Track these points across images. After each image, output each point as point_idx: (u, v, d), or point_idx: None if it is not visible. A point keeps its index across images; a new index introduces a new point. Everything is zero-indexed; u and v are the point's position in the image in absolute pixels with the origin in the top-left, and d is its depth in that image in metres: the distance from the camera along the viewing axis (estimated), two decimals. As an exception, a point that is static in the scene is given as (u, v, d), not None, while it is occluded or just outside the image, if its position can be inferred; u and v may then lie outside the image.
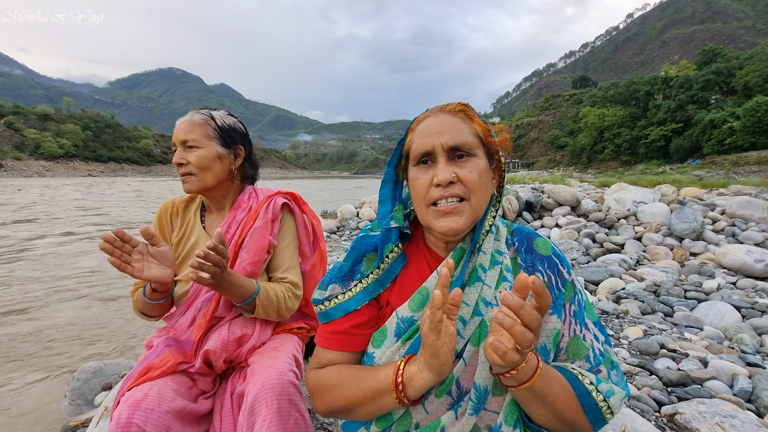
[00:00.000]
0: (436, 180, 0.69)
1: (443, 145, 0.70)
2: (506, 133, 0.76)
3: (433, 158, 0.71)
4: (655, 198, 5.53)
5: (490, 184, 0.73)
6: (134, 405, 0.87)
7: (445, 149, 0.70)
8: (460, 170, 0.69)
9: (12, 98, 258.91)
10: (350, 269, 0.80)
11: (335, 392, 0.73)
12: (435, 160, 0.71)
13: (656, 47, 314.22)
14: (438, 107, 0.76)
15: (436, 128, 0.71)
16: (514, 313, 0.54)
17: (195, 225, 1.22)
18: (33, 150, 78.22)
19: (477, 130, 0.72)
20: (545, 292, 0.54)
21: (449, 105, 0.75)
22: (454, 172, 0.69)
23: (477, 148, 0.71)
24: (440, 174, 0.68)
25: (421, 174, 0.72)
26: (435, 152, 0.71)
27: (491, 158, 0.74)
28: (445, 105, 0.76)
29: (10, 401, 2.69)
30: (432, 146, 0.71)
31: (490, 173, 0.73)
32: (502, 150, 0.76)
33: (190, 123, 1.14)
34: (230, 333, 1.08)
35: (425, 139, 0.71)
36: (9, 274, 5.41)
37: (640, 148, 47.37)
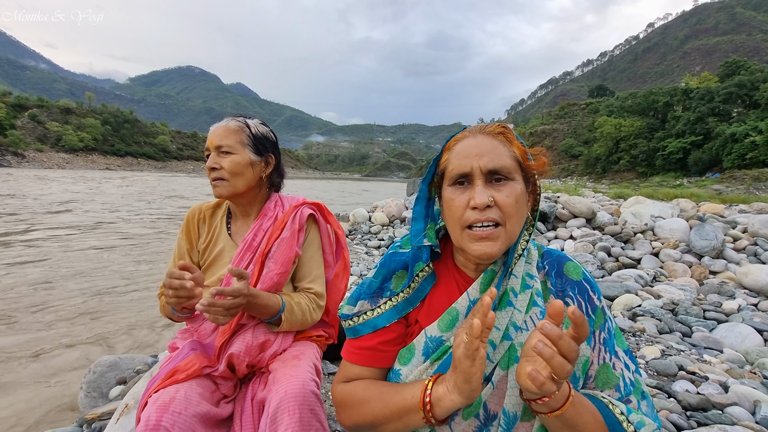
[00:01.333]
0: (473, 203, 0.68)
1: (482, 167, 0.68)
2: (544, 157, 0.74)
3: (471, 180, 0.70)
4: (673, 213, 5.42)
5: (526, 208, 0.72)
6: (162, 407, 0.89)
7: (484, 172, 0.69)
8: (497, 194, 0.68)
9: (37, 92, 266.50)
10: (379, 286, 0.80)
11: (362, 408, 0.73)
12: (472, 182, 0.70)
13: (677, 58, 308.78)
14: (477, 127, 0.75)
15: (475, 150, 0.70)
16: (552, 343, 0.54)
17: (221, 232, 1.24)
18: (54, 142, 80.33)
19: (516, 154, 0.71)
20: (585, 323, 0.54)
21: (488, 126, 0.74)
22: (492, 196, 0.68)
23: (515, 172, 0.70)
24: (477, 197, 0.67)
25: (457, 195, 0.71)
26: (473, 174, 0.69)
27: (527, 181, 0.73)
28: (484, 126, 0.74)
29: (27, 390, 2.76)
30: (470, 168, 0.69)
31: (526, 197, 0.72)
32: (538, 174, 0.75)
33: (226, 129, 1.17)
34: (254, 338, 1.10)
35: (463, 161, 0.70)
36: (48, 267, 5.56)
37: (657, 159, 46.45)
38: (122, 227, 9.38)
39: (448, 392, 0.63)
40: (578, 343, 0.55)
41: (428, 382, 0.67)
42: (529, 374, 0.54)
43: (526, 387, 0.57)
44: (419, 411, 0.66)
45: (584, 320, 0.54)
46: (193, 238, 1.25)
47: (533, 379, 0.54)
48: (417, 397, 0.66)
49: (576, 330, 0.54)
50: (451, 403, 0.62)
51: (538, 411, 0.62)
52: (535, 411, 0.63)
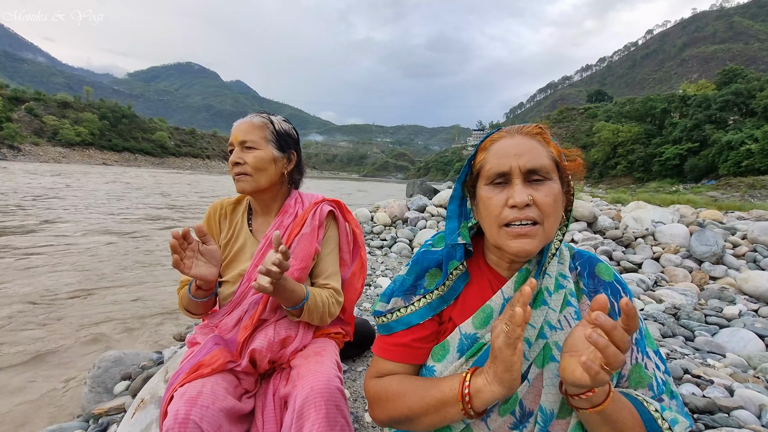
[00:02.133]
0: (512, 202, 0.68)
1: (521, 167, 0.69)
2: (580, 159, 0.76)
3: (509, 179, 0.71)
4: (673, 219, 5.46)
5: (561, 208, 0.73)
6: (190, 401, 0.89)
7: (522, 171, 0.69)
8: (536, 193, 0.69)
9: (34, 85, 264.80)
10: (413, 283, 0.81)
11: (397, 402, 0.74)
12: (510, 182, 0.70)
13: (675, 65, 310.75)
14: (515, 128, 0.76)
15: (514, 150, 0.71)
16: (606, 334, 0.54)
17: (242, 228, 1.25)
18: (51, 136, 79.63)
19: (553, 154, 0.72)
20: (636, 315, 0.55)
21: (526, 127, 0.75)
22: (530, 195, 0.68)
23: (552, 172, 0.71)
24: (517, 196, 0.68)
25: (494, 194, 0.72)
26: (511, 174, 0.70)
27: (562, 182, 0.74)
28: (521, 126, 0.75)
29: (32, 384, 2.74)
30: (509, 167, 0.70)
31: (562, 197, 0.73)
32: (573, 175, 0.76)
33: (250, 125, 1.18)
34: (276, 334, 1.11)
35: (502, 160, 0.71)
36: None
37: (654, 165, 46.75)
38: (128, 223, 9.34)
39: (488, 383, 0.63)
40: (630, 335, 0.56)
41: (466, 374, 0.68)
42: (584, 363, 0.54)
43: (575, 380, 0.58)
44: (457, 403, 0.66)
45: (636, 312, 0.55)
46: (214, 232, 1.26)
47: (588, 368, 0.54)
48: (455, 389, 0.67)
49: (627, 322, 0.55)
50: (491, 394, 0.63)
51: (578, 406, 0.63)
52: (575, 407, 0.64)
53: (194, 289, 1.11)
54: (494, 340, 0.61)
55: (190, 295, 1.11)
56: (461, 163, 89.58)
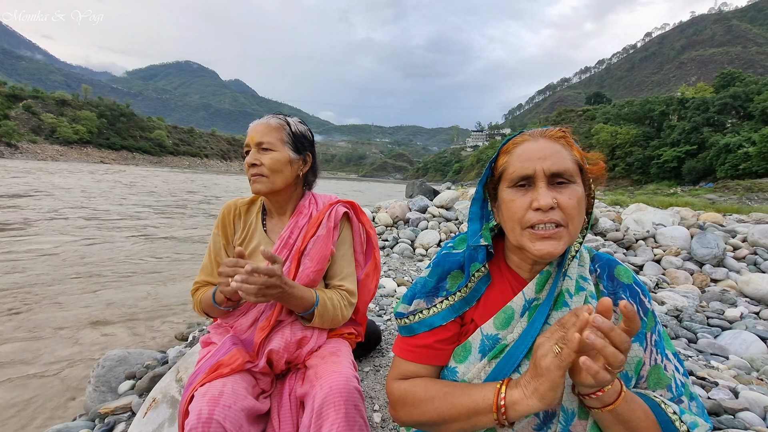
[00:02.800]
0: (537, 204, 0.69)
1: (545, 170, 0.70)
2: (602, 163, 0.77)
3: (532, 182, 0.71)
4: (674, 221, 5.48)
5: (584, 211, 0.74)
6: (213, 401, 0.90)
7: (547, 174, 0.70)
8: (560, 196, 0.69)
9: (32, 82, 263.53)
10: (435, 285, 0.82)
11: (425, 407, 0.74)
12: (534, 185, 0.71)
13: (673, 67, 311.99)
14: (538, 131, 0.76)
15: (538, 153, 0.71)
16: (605, 335, 0.55)
17: (257, 228, 1.25)
18: (49, 134, 79.23)
19: (576, 157, 0.73)
20: (635, 317, 0.56)
21: (549, 130, 0.75)
22: (555, 198, 0.69)
23: (576, 175, 0.72)
24: (542, 199, 0.68)
25: (518, 197, 0.72)
26: (536, 177, 0.70)
27: (585, 185, 0.75)
28: (545, 130, 0.76)
29: (34, 382, 2.74)
30: (533, 171, 0.70)
31: (585, 200, 0.74)
32: (594, 178, 0.77)
33: (267, 126, 1.18)
34: (292, 335, 1.11)
35: (526, 163, 0.71)
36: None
37: (652, 168, 46.88)
38: (138, 221, 9.31)
39: (526, 397, 0.63)
40: (630, 336, 0.57)
41: (500, 386, 0.68)
42: (583, 363, 0.55)
43: (579, 380, 0.60)
44: (491, 413, 0.66)
45: (635, 313, 0.56)
46: (229, 233, 1.26)
47: (587, 367, 0.55)
48: (489, 400, 0.67)
49: (627, 323, 0.56)
50: (528, 408, 0.63)
51: (590, 406, 0.64)
52: (588, 406, 0.65)
53: (223, 301, 1.11)
54: (541, 358, 0.61)
55: (215, 303, 1.12)
56: (460, 163, 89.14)
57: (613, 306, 0.73)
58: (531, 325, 0.74)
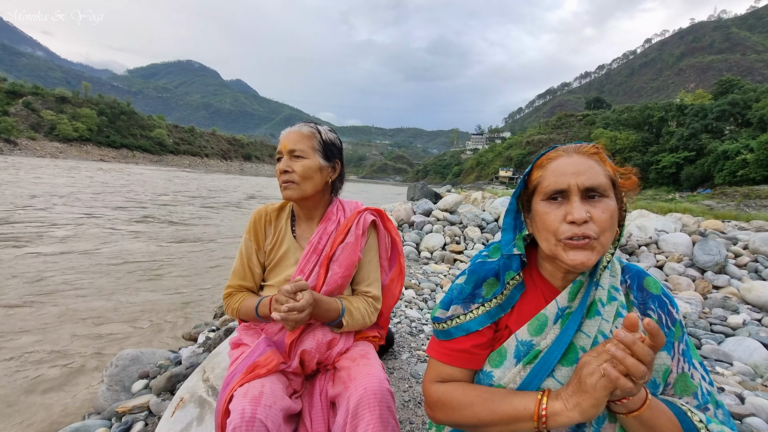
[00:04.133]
0: (571, 218, 0.72)
1: (579, 185, 0.73)
2: (635, 177, 0.80)
3: (566, 196, 0.75)
4: (676, 228, 5.54)
5: (616, 224, 0.77)
6: (254, 401, 0.92)
7: (581, 189, 0.73)
8: (593, 210, 0.73)
9: (32, 79, 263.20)
10: (471, 292, 0.86)
11: (465, 410, 0.78)
12: (568, 198, 0.74)
13: (672, 74, 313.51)
14: (572, 147, 0.80)
15: (572, 168, 0.75)
16: (628, 348, 0.59)
17: (286, 233, 1.29)
18: (48, 131, 79.03)
19: (609, 173, 0.76)
20: (659, 333, 0.60)
21: (583, 146, 0.79)
22: (588, 212, 0.72)
23: (609, 189, 0.75)
24: (576, 213, 0.71)
25: (552, 209, 0.76)
26: (569, 191, 0.74)
27: (617, 198, 0.78)
28: (579, 146, 0.80)
29: (44, 382, 2.76)
30: (567, 185, 0.74)
31: (617, 213, 0.77)
32: (626, 192, 0.80)
33: (299, 134, 1.22)
34: (323, 336, 1.15)
35: (560, 178, 0.75)
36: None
37: (651, 173, 47.10)
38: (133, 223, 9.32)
39: (567, 410, 0.66)
40: (654, 351, 0.60)
41: (541, 396, 0.71)
42: (604, 368, 0.60)
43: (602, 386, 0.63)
44: (531, 422, 0.70)
45: (659, 330, 0.60)
46: (260, 238, 1.29)
47: (607, 372, 0.59)
48: (530, 409, 0.70)
49: (652, 339, 0.60)
50: (569, 420, 0.66)
51: (617, 411, 0.68)
52: (615, 412, 0.68)
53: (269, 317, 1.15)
54: (587, 376, 0.64)
55: (258, 315, 1.16)
56: (459, 166, 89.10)
57: (644, 316, 0.78)
58: (564, 332, 0.77)
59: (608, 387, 0.61)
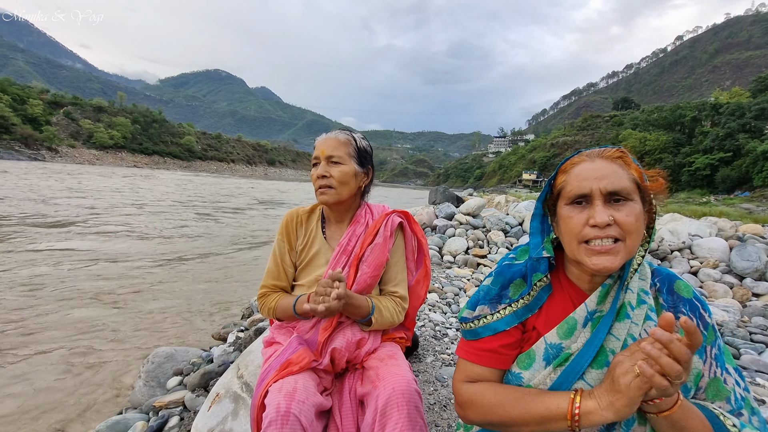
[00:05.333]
0: (593, 221, 0.73)
1: (601, 189, 0.74)
2: (662, 179, 0.80)
3: (589, 200, 0.76)
4: (711, 232, 5.31)
5: (643, 226, 0.77)
6: (289, 396, 0.97)
7: (603, 193, 0.74)
8: (617, 213, 0.73)
9: (72, 90, 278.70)
10: (498, 293, 0.88)
11: (495, 409, 0.79)
12: (591, 202, 0.75)
13: (706, 72, 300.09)
14: (595, 152, 0.80)
15: (595, 173, 0.76)
16: (664, 346, 0.59)
17: (317, 235, 1.34)
18: (86, 139, 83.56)
19: (634, 176, 0.77)
20: (696, 331, 0.59)
21: (607, 150, 0.80)
22: (612, 215, 0.73)
23: (633, 192, 0.75)
24: (598, 216, 0.72)
25: (575, 213, 0.77)
26: (592, 195, 0.75)
27: (644, 201, 0.78)
28: (602, 150, 0.80)
29: (89, 372, 2.92)
30: (590, 190, 0.75)
31: (643, 216, 0.77)
32: (655, 194, 0.80)
33: (336, 141, 1.28)
34: (352, 335, 1.20)
35: (583, 183, 0.76)
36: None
37: (683, 175, 45.12)
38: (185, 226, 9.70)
39: (600, 408, 0.67)
40: (692, 350, 0.60)
41: (574, 396, 0.71)
42: (639, 366, 0.60)
43: None
44: (565, 421, 0.70)
45: (696, 328, 0.59)
46: (292, 239, 1.35)
47: (642, 370, 0.59)
48: (563, 408, 0.71)
49: (689, 338, 0.59)
50: (602, 419, 0.66)
51: (648, 411, 0.68)
52: (646, 411, 0.68)
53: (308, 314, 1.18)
54: (621, 375, 0.64)
55: (296, 313, 1.21)
56: (481, 169, 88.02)
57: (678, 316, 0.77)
58: (595, 335, 0.78)
59: (643, 387, 0.61)
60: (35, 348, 3.21)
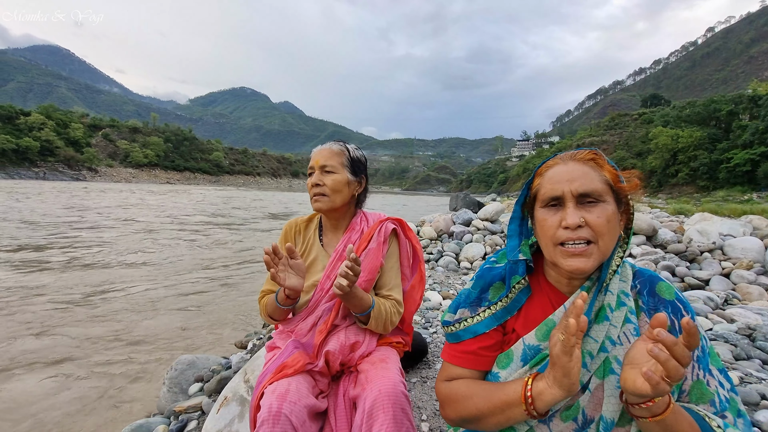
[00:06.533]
0: (565, 223, 0.74)
1: (573, 191, 0.75)
2: (637, 179, 0.80)
3: (562, 202, 0.77)
4: (745, 231, 5.03)
5: (618, 227, 0.78)
6: (281, 397, 1.02)
7: (575, 195, 0.75)
8: (588, 215, 0.74)
9: (109, 113, 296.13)
10: (478, 296, 0.89)
11: (467, 402, 0.82)
12: (564, 205, 0.77)
13: (742, 63, 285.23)
14: (568, 155, 0.82)
15: (566, 176, 0.77)
16: (668, 349, 0.59)
17: (315, 242, 1.40)
18: (123, 158, 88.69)
19: (606, 177, 0.77)
20: (696, 333, 0.59)
21: (579, 153, 0.81)
22: (583, 217, 0.74)
23: (606, 194, 0.76)
24: (569, 218, 0.74)
25: (549, 216, 0.78)
26: (564, 198, 0.76)
27: (620, 202, 0.79)
28: (575, 153, 0.82)
29: (115, 381, 3.08)
30: (561, 192, 0.76)
31: (618, 217, 0.78)
32: (631, 194, 0.80)
33: (330, 151, 1.34)
34: (346, 338, 1.24)
35: (555, 185, 0.78)
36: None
37: (721, 172, 42.77)
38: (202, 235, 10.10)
39: (548, 386, 0.69)
40: (690, 351, 0.60)
41: (528, 379, 0.74)
42: (645, 373, 0.59)
43: (636, 390, 0.63)
44: (521, 404, 0.72)
45: (696, 329, 0.59)
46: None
47: (649, 378, 0.59)
48: (518, 392, 0.74)
49: (688, 339, 0.59)
50: (552, 397, 0.69)
51: (639, 415, 0.67)
52: (635, 415, 0.68)
53: (283, 299, 1.24)
54: (551, 348, 0.68)
55: (278, 303, 1.25)
56: (505, 174, 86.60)
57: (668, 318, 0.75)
58: None
59: (567, 352, 0.64)
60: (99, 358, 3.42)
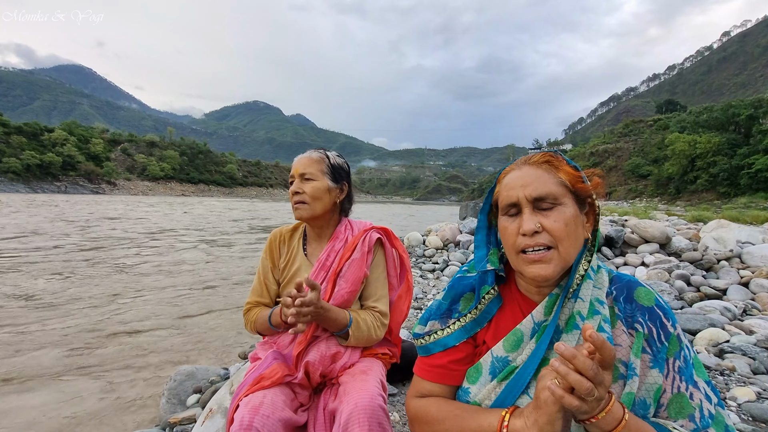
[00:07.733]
0: (522, 230, 0.72)
1: (527, 196, 0.73)
2: (597, 177, 0.78)
3: (519, 209, 0.75)
4: (764, 238, 4.84)
5: (581, 230, 0.75)
6: (253, 410, 0.99)
7: (529, 200, 0.73)
8: (545, 220, 0.71)
9: (128, 128, 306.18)
10: (448, 307, 0.86)
11: (437, 426, 0.78)
12: (521, 211, 0.74)
13: (760, 66, 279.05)
14: (522, 159, 0.80)
15: (520, 181, 0.75)
16: (569, 362, 0.56)
17: (298, 252, 1.38)
18: (140, 172, 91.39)
19: (563, 179, 0.74)
20: (604, 344, 0.56)
21: (533, 157, 0.79)
22: (539, 222, 0.71)
23: (563, 196, 0.73)
24: (525, 224, 0.72)
25: (508, 223, 0.76)
26: (520, 203, 0.74)
27: (582, 203, 0.76)
28: (529, 157, 0.79)
29: (119, 391, 3.08)
30: (516, 198, 0.74)
31: (580, 219, 0.75)
32: (594, 194, 0.77)
33: (309, 159, 1.33)
34: (327, 349, 1.21)
35: (510, 192, 0.75)
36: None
37: (742, 178, 41.51)
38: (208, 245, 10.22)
39: (527, 427, 0.65)
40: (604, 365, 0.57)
41: (505, 413, 0.70)
42: (548, 387, 0.58)
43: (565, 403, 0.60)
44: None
45: (603, 342, 0.56)
46: (275, 257, 1.40)
47: (552, 390, 0.57)
48: (494, 426, 0.70)
49: (599, 352, 0.57)
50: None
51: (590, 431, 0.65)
52: None
53: (279, 324, 1.22)
54: (540, 391, 0.62)
55: (271, 325, 1.24)
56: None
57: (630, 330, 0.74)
58: (538, 347, 0.74)
59: (557, 402, 0.59)
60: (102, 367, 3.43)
